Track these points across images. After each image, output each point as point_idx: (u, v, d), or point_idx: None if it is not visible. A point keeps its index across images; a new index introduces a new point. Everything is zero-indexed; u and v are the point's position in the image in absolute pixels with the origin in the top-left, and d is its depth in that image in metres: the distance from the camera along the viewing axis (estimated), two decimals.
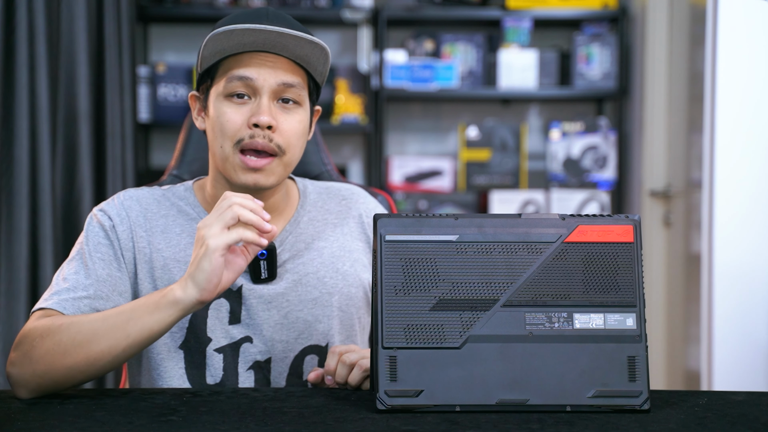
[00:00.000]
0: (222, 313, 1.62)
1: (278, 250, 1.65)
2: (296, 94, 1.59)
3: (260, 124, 1.55)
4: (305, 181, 1.78)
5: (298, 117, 1.60)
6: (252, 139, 1.56)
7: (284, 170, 1.61)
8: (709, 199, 3.06)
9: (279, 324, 1.64)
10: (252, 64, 1.57)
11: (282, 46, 1.56)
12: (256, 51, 1.57)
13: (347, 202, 1.76)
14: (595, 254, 1.37)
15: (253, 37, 1.54)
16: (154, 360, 1.62)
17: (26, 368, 1.44)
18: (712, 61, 3.04)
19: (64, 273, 1.58)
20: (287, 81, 1.58)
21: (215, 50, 1.58)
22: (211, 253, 1.39)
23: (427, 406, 1.32)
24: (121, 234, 1.62)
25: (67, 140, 3.39)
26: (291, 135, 1.59)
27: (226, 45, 1.56)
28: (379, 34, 4.33)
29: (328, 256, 1.69)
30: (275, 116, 1.57)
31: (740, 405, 1.40)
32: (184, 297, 1.41)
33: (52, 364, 1.43)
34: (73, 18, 3.40)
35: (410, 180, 4.44)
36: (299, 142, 1.61)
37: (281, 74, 1.58)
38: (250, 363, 1.64)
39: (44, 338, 1.45)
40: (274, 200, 1.67)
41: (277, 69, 1.57)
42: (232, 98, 1.58)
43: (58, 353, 1.43)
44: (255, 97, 1.58)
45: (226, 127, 1.57)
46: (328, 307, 1.67)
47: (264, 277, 1.63)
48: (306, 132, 1.63)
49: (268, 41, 1.55)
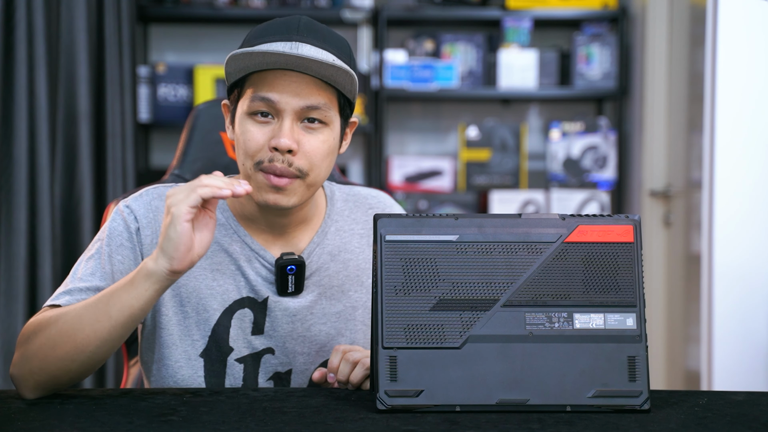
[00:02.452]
0: (245, 324, 1.61)
1: (305, 263, 1.63)
2: (322, 114, 1.55)
3: (279, 148, 1.52)
4: (333, 185, 1.74)
5: (323, 137, 1.56)
6: (271, 163, 1.53)
7: (307, 190, 1.57)
8: (709, 199, 3.06)
9: (301, 337, 1.63)
10: (276, 85, 1.53)
11: (306, 67, 1.52)
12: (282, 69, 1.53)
13: (374, 211, 1.73)
14: (595, 254, 1.37)
15: (275, 58, 1.51)
16: (172, 367, 1.61)
17: (24, 366, 1.44)
18: (712, 61, 3.04)
19: (81, 271, 1.56)
20: (311, 104, 1.53)
21: (238, 68, 1.55)
22: (175, 220, 1.37)
23: (427, 406, 1.32)
24: (144, 239, 1.59)
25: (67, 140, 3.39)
26: (314, 156, 1.55)
27: (249, 63, 1.53)
28: (379, 34, 4.33)
29: (353, 269, 1.68)
30: (298, 138, 1.53)
31: (740, 405, 1.40)
32: (155, 268, 1.39)
33: (44, 358, 1.43)
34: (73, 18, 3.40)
35: (410, 180, 4.44)
36: (323, 162, 1.56)
37: (305, 96, 1.53)
38: (270, 374, 1.63)
39: (37, 334, 1.45)
40: (302, 215, 1.64)
41: (302, 90, 1.53)
42: (256, 116, 1.54)
43: (49, 346, 1.43)
44: (278, 117, 1.54)
45: (248, 146, 1.54)
46: (351, 320, 1.66)
47: (291, 291, 1.62)
48: (332, 151, 1.58)
49: (291, 62, 1.51)
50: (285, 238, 1.64)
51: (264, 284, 1.61)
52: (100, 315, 1.42)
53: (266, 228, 1.63)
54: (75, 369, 1.44)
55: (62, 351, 1.42)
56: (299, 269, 1.60)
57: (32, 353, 1.44)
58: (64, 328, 1.43)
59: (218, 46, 4.47)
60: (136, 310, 1.41)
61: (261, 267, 1.61)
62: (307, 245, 1.65)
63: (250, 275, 1.61)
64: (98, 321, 1.41)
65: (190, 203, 1.37)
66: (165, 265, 1.39)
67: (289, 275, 1.60)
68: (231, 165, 1.94)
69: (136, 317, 1.42)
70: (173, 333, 1.60)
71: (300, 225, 1.65)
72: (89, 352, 1.43)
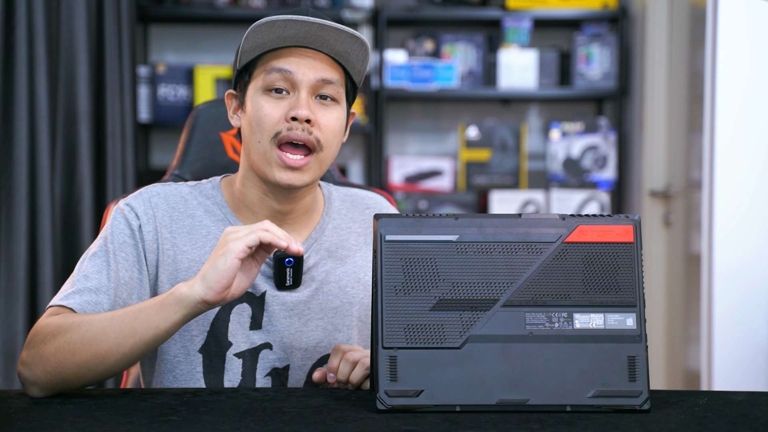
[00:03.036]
0: (244, 318, 1.62)
1: (303, 257, 1.63)
2: (334, 90, 1.58)
3: (299, 117, 1.54)
4: (329, 186, 1.76)
5: (336, 114, 1.59)
6: (290, 131, 1.55)
7: (319, 168, 1.59)
8: (709, 199, 3.06)
9: (299, 332, 1.63)
10: (291, 59, 1.56)
11: (322, 41, 1.55)
12: (296, 46, 1.57)
13: (371, 211, 1.75)
14: (595, 254, 1.37)
15: (294, 30, 1.54)
16: (171, 362, 1.61)
17: (37, 366, 1.44)
18: (712, 61, 3.04)
19: (87, 269, 1.56)
20: (326, 77, 1.57)
21: (255, 44, 1.57)
22: (229, 253, 1.39)
23: (427, 406, 1.32)
24: (146, 235, 1.60)
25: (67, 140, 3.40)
26: (329, 131, 1.58)
27: (267, 38, 1.55)
28: (379, 34, 4.33)
29: (350, 266, 1.68)
30: (314, 111, 1.56)
31: (740, 405, 1.40)
32: (189, 294, 1.41)
33: (62, 362, 1.43)
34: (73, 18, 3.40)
35: (410, 180, 4.44)
36: (335, 139, 1.60)
37: (320, 70, 1.57)
38: (268, 369, 1.63)
39: (55, 336, 1.45)
40: (304, 203, 1.65)
41: (317, 64, 1.57)
42: (271, 93, 1.57)
43: (68, 351, 1.43)
44: (293, 91, 1.57)
45: (264, 121, 1.56)
46: (348, 316, 1.67)
47: (289, 285, 1.62)
48: (341, 131, 1.62)
49: (309, 35, 1.54)
50: None
51: (262, 278, 1.62)
52: (126, 330, 1.43)
53: (266, 216, 1.63)
54: (90, 377, 1.44)
55: (81, 359, 1.43)
56: (297, 262, 1.60)
57: (49, 355, 1.44)
58: (87, 336, 1.43)
59: (218, 46, 4.47)
60: (161, 332, 1.43)
61: None
62: (304, 240, 1.66)
63: None
64: (123, 336, 1.42)
65: (248, 242, 1.39)
66: (200, 292, 1.40)
67: (288, 268, 1.61)
68: (231, 165, 1.94)
69: (160, 338, 1.44)
70: None
71: (299, 218, 1.65)
72: (108, 364, 1.44)
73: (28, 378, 1.44)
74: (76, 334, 1.44)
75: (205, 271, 1.40)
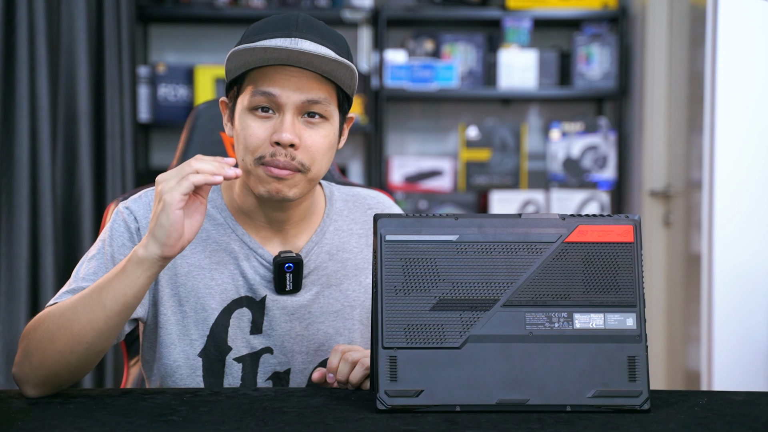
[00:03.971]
0: (244, 323, 1.61)
1: (304, 261, 1.63)
2: (322, 109, 1.55)
3: (282, 142, 1.52)
4: (331, 186, 1.75)
5: (324, 132, 1.56)
6: (273, 158, 1.53)
7: (308, 184, 1.57)
8: (709, 199, 3.06)
9: (300, 336, 1.63)
10: (276, 80, 1.53)
11: (306, 62, 1.52)
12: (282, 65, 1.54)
13: (373, 211, 1.73)
14: (595, 254, 1.37)
15: (276, 53, 1.51)
16: (170, 367, 1.61)
17: (25, 364, 1.44)
18: (712, 61, 3.04)
19: (84, 271, 1.56)
20: (312, 98, 1.54)
21: (239, 64, 1.55)
22: (168, 207, 1.38)
23: (427, 406, 1.32)
24: None
25: (67, 140, 3.40)
26: (315, 151, 1.55)
27: (250, 59, 1.53)
28: (379, 34, 4.33)
29: (351, 269, 1.68)
30: (299, 133, 1.53)
31: (740, 405, 1.40)
32: (146, 254, 1.40)
33: (44, 353, 1.43)
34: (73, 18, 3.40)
35: (410, 180, 4.44)
36: (324, 157, 1.57)
37: (306, 91, 1.54)
38: (269, 373, 1.63)
39: (36, 329, 1.45)
40: (301, 210, 1.64)
41: (303, 85, 1.53)
42: (256, 111, 1.54)
43: (47, 339, 1.43)
44: (279, 112, 1.54)
45: (249, 142, 1.54)
46: (349, 320, 1.66)
47: (289, 289, 1.62)
48: (332, 146, 1.59)
49: (292, 58, 1.52)
50: (283, 236, 1.64)
51: (262, 283, 1.61)
52: (95, 305, 1.42)
53: (265, 224, 1.63)
54: (74, 362, 1.43)
55: (60, 344, 1.42)
56: (297, 267, 1.60)
57: (32, 349, 1.44)
58: (61, 321, 1.43)
59: (218, 46, 4.47)
60: (130, 298, 1.42)
61: (259, 265, 1.62)
62: (305, 244, 1.65)
63: (249, 274, 1.61)
64: (93, 311, 1.42)
65: (182, 191, 1.38)
66: (156, 251, 1.40)
67: (287, 273, 1.60)
68: None
69: (130, 305, 1.42)
70: (172, 332, 1.60)
71: (298, 222, 1.65)
72: (87, 343, 1.42)
73: (20, 377, 1.44)
74: (51, 321, 1.44)
75: (152, 229, 1.40)
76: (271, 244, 1.63)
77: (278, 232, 1.64)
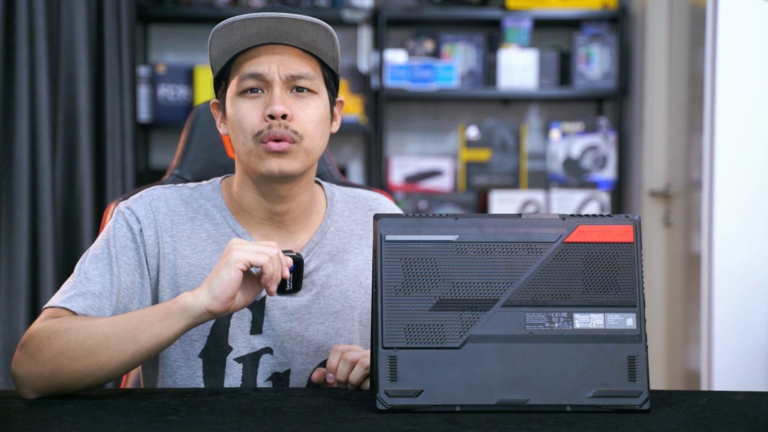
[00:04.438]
0: (244, 323, 1.61)
1: (304, 261, 1.63)
2: (309, 83, 1.58)
3: (274, 114, 1.55)
4: (332, 187, 1.75)
5: (314, 104, 1.59)
6: (270, 130, 1.55)
7: (307, 157, 1.58)
8: (709, 199, 3.06)
9: (299, 336, 1.63)
10: (260, 60, 1.57)
11: (286, 34, 1.56)
12: (264, 44, 1.57)
13: (373, 212, 1.73)
14: (595, 254, 1.37)
15: (255, 28, 1.54)
16: (171, 367, 1.61)
17: (32, 369, 1.43)
18: (712, 61, 3.04)
19: (89, 271, 1.55)
20: (297, 72, 1.57)
21: (222, 49, 1.58)
22: (232, 263, 1.41)
23: (427, 406, 1.32)
24: (147, 239, 1.59)
25: (67, 140, 3.40)
26: (307, 122, 1.57)
27: (232, 41, 1.56)
28: (379, 34, 4.33)
29: (351, 269, 1.68)
30: (289, 105, 1.56)
31: (740, 405, 1.40)
32: (194, 303, 1.42)
33: (59, 367, 1.42)
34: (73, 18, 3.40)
35: (410, 180, 4.44)
36: (317, 128, 1.59)
37: (290, 65, 1.57)
38: (269, 374, 1.63)
39: (51, 340, 1.44)
40: (299, 202, 1.64)
41: (286, 60, 1.57)
42: (246, 94, 1.58)
43: (66, 357, 1.42)
44: (267, 90, 1.57)
45: (244, 122, 1.57)
46: (349, 320, 1.66)
47: (289, 289, 1.62)
48: (324, 120, 1.61)
49: (272, 30, 1.55)
50: (285, 235, 1.64)
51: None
52: (128, 337, 1.43)
53: (265, 220, 1.63)
54: (88, 382, 1.44)
55: (80, 365, 1.42)
56: (297, 266, 1.60)
57: (46, 359, 1.43)
58: (87, 343, 1.43)
59: None
60: (164, 340, 1.43)
61: None
62: (306, 244, 1.65)
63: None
64: (125, 343, 1.42)
65: (251, 259, 1.42)
66: (205, 302, 1.42)
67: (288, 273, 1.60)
68: (231, 165, 1.94)
69: (162, 346, 1.44)
70: None
71: (298, 218, 1.65)
72: (108, 371, 1.43)
73: (22, 380, 1.43)
74: (74, 339, 1.43)
75: (210, 281, 1.42)
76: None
77: (279, 228, 1.64)
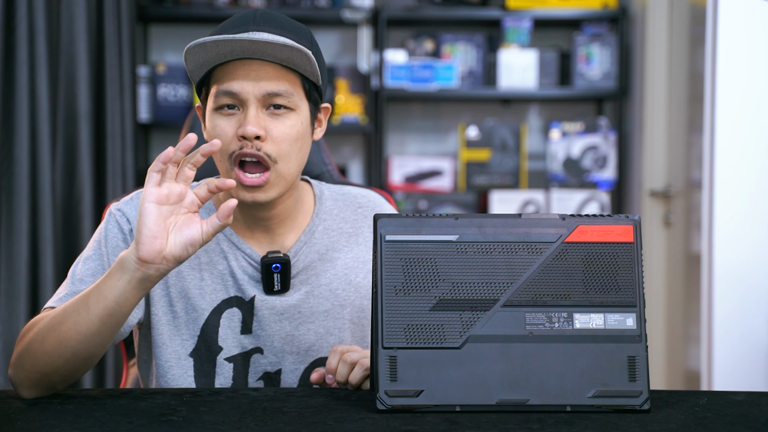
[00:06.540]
0: (234, 323, 1.61)
1: (292, 261, 1.63)
2: (286, 100, 1.55)
3: (246, 135, 1.52)
4: (322, 185, 1.74)
5: (290, 122, 1.55)
6: (242, 150, 1.53)
7: (283, 181, 1.57)
8: (709, 199, 3.06)
9: (290, 336, 1.63)
10: (237, 76, 1.53)
11: (262, 52, 1.52)
12: (241, 59, 1.54)
13: (363, 210, 1.73)
14: (595, 254, 1.37)
15: (229, 47, 1.51)
16: (163, 367, 1.61)
17: (19, 365, 1.44)
18: (712, 61, 3.04)
19: (81, 272, 1.56)
20: (272, 90, 1.54)
21: (197, 63, 1.55)
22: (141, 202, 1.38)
23: (427, 406, 1.32)
24: None
25: (67, 140, 3.40)
26: (282, 141, 1.54)
27: (207, 57, 1.53)
28: (379, 34, 4.33)
29: (341, 267, 1.67)
30: (264, 125, 1.53)
31: (740, 405, 1.40)
32: (126, 255, 1.39)
33: (34, 354, 1.43)
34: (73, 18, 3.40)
35: (410, 180, 4.44)
36: (293, 147, 1.56)
37: (266, 83, 1.53)
38: (260, 374, 1.63)
39: (29, 332, 1.46)
40: (284, 207, 1.63)
41: (262, 78, 1.53)
42: (223, 110, 1.55)
43: (38, 341, 1.43)
44: (243, 107, 1.54)
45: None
46: (339, 319, 1.66)
47: (277, 289, 1.62)
48: (302, 137, 1.58)
49: (247, 49, 1.52)
50: (271, 236, 1.64)
51: (251, 283, 1.61)
52: (80, 307, 1.41)
53: (250, 225, 1.63)
54: (62, 366, 1.42)
55: (48, 345, 1.42)
56: (284, 267, 1.60)
57: (24, 350, 1.44)
58: (52, 323, 1.43)
59: None
60: (110, 302, 1.39)
61: (248, 266, 1.62)
62: (294, 244, 1.65)
63: (238, 274, 1.61)
64: (78, 313, 1.41)
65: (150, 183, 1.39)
66: (133, 250, 1.38)
67: (275, 273, 1.60)
68: None
69: (111, 311, 1.40)
70: (163, 333, 1.60)
71: (284, 221, 1.64)
72: (71, 347, 1.41)
73: (14, 379, 1.45)
74: (44, 323, 1.44)
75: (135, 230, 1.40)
76: (259, 243, 1.64)
77: (265, 231, 1.64)
